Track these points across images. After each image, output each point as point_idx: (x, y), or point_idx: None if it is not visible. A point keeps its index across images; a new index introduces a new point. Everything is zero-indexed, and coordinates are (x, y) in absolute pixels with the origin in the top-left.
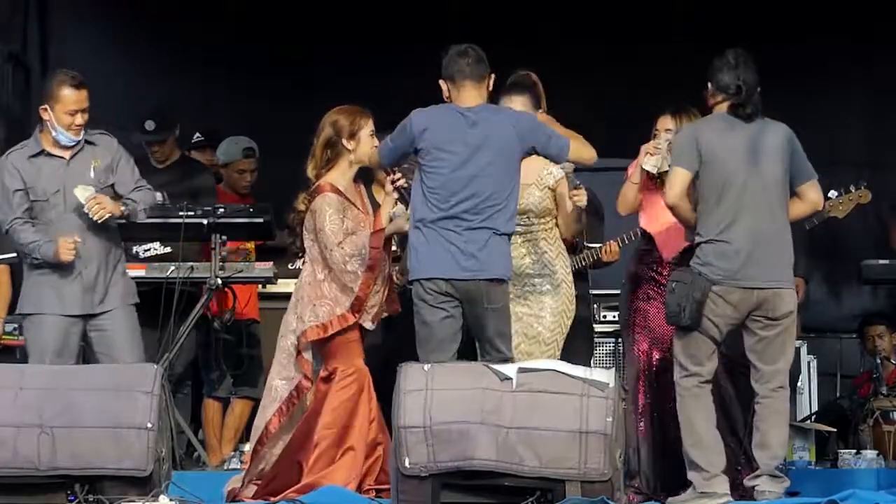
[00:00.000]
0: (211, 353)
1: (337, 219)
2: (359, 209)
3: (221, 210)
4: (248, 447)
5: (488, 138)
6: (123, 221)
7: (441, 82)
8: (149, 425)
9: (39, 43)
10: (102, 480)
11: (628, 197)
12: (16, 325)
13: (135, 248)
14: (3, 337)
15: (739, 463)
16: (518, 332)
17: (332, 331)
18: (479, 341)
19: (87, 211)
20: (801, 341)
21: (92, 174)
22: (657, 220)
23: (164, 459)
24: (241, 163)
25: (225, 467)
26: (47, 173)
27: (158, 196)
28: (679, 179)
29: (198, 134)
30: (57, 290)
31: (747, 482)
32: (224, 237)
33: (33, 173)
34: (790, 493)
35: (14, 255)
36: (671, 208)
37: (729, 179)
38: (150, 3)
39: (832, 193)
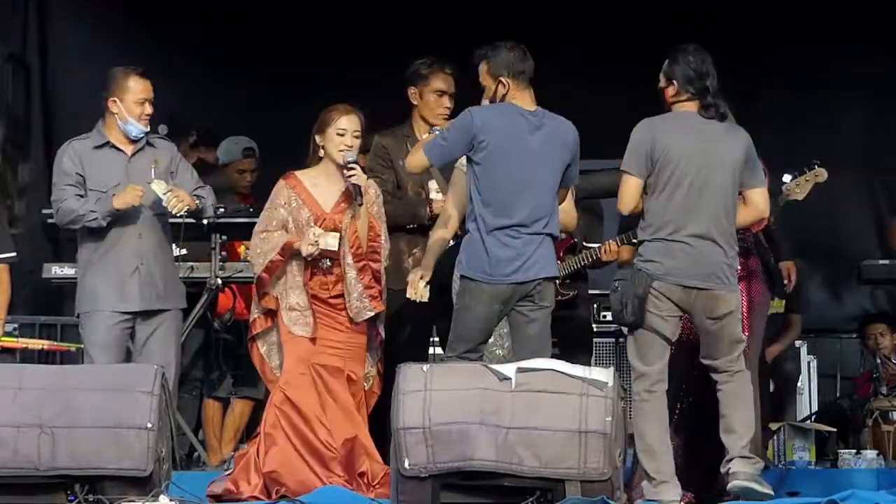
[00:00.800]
0: (211, 354)
1: (272, 207)
2: (317, 208)
3: (221, 210)
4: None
5: (548, 144)
6: (192, 219)
7: (496, 78)
8: (149, 425)
9: (39, 43)
10: (102, 480)
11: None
12: (16, 326)
13: None
14: (3, 339)
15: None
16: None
17: (255, 331)
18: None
19: (165, 203)
20: (801, 341)
21: (153, 174)
22: None
23: (164, 459)
24: (241, 163)
25: (225, 467)
26: (110, 166)
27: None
28: (631, 187)
29: (193, 133)
30: (114, 287)
31: (722, 468)
32: (224, 237)
33: (95, 164)
34: (790, 493)
35: (13, 254)
36: (625, 216)
37: (682, 181)
38: (150, 3)
39: (786, 177)
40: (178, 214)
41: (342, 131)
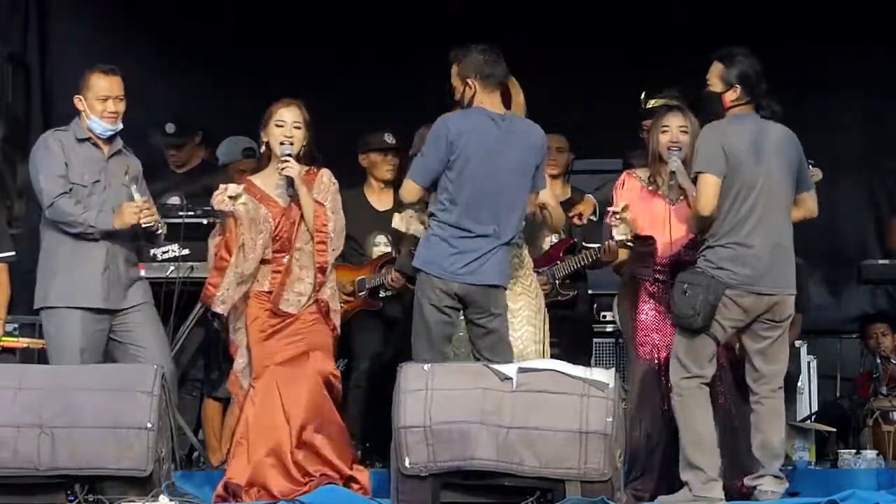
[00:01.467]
0: (211, 353)
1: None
2: (273, 203)
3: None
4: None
5: (517, 149)
6: (152, 233)
7: (465, 80)
8: (149, 425)
9: (39, 43)
10: (102, 480)
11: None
12: (16, 326)
13: (152, 250)
14: (3, 339)
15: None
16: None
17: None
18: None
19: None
20: (801, 341)
21: (126, 178)
22: (656, 224)
23: (164, 459)
24: (241, 163)
25: (225, 467)
26: (91, 162)
27: (175, 199)
28: (712, 187)
29: (199, 133)
30: (84, 283)
31: (748, 482)
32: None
33: (77, 157)
34: (790, 493)
35: (13, 253)
36: (705, 217)
37: (747, 182)
38: (151, 4)
39: None
40: (144, 225)
41: (281, 122)
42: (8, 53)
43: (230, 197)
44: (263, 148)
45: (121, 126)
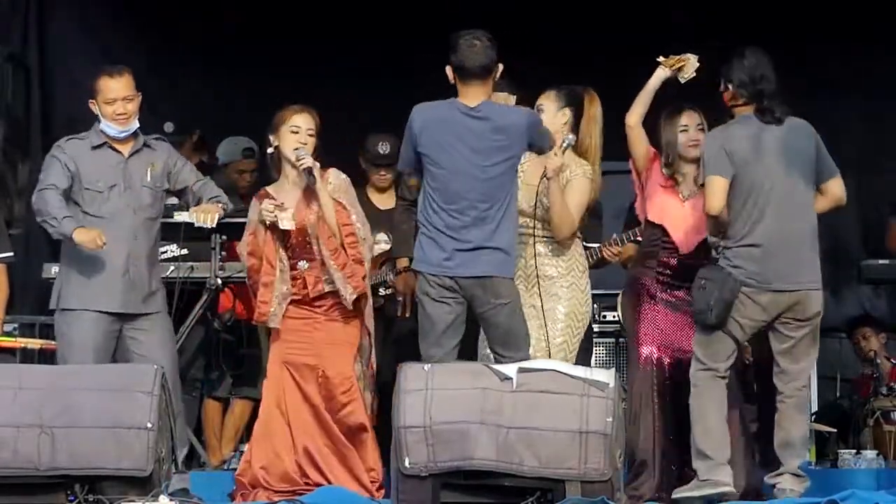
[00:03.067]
0: (211, 353)
1: (248, 225)
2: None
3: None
4: (247, 447)
5: (487, 137)
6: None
7: (448, 69)
8: (149, 425)
9: (39, 43)
10: (102, 480)
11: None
12: (15, 326)
13: None
14: (3, 339)
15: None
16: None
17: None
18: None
19: (199, 224)
20: None
21: (149, 178)
22: (668, 213)
23: (164, 459)
24: (241, 163)
25: (225, 467)
26: (107, 166)
27: (172, 199)
28: (719, 187)
29: (196, 133)
30: (102, 285)
31: (768, 479)
32: (224, 237)
33: (91, 163)
34: None
35: (11, 254)
36: (715, 218)
37: (756, 183)
38: (150, 4)
39: None
40: (213, 225)
41: (296, 129)
42: (8, 53)
43: (280, 211)
44: (273, 151)
45: (135, 125)
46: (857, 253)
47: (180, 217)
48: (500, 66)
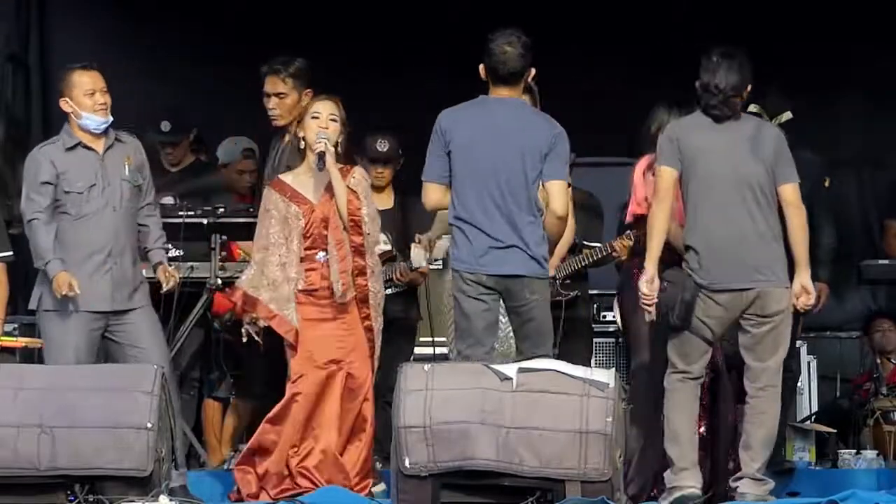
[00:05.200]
0: (211, 354)
1: (263, 214)
2: (304, 201)
3: (221, 210)
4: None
5: (517, 136)
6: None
7: (481, 67)
8: (149, 425)
9: (39, 43)
10: (102, 480)
11: None
12: (15, 326)
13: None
14: (3, 339)
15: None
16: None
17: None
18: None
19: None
20: (801, 341)
21: (127, 172)
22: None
23: (164, 459)
24: (241, 163)
25: (225, 467)
26: (83, 166)
27: (168, 199)
28: (665, 176)
29: (194, 131)
30: (85, 285)
31: (731, 482)
32: (224, 237)
33: (69, 166)
34: (790, 493)
35: (11, 253)
36: (655, 203)
37: (706, 181)
38: (151, 4)
39: None
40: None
41: (317, 114)
42: (8, 54)
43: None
44: (302, 144)
45: (111, 118)
46: (857, 253)
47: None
48: (532, 71)
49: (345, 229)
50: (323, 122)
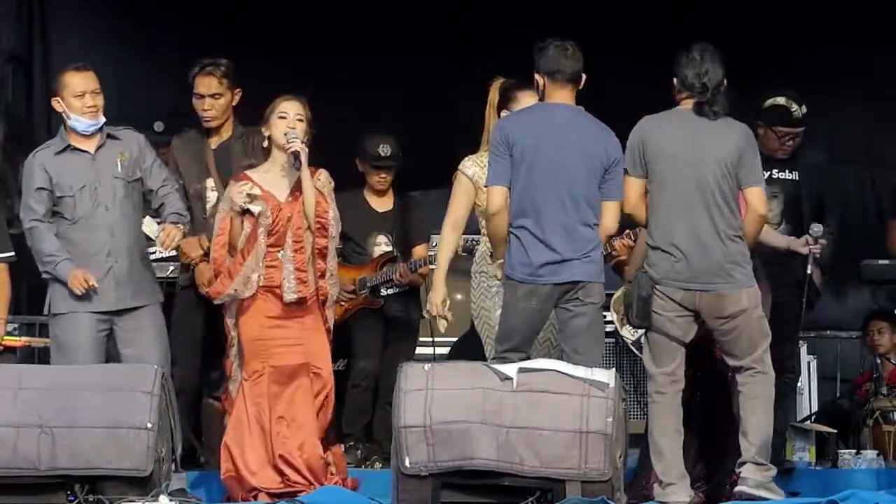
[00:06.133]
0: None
1: (224, 206)
2: (271, 199)
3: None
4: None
5: (579, 143)
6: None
7: (538, 75)
8: (149, 425)
9: (39, 43)
10: (102, 480)
11: None
12: (16, 326)
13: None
14: (4, 338)
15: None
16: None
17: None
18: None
19: (159, 245)
20: (801, 341)
21: (119, 168)
22: None
23: (164, 459)
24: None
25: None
26: (74, 169)
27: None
28: (631, 187)
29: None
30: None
31: (736, 469)
32: None
33: (60, 169)
34: (790, 493)
35: (12, 254)
36: (630, 216)
37: (668, 180)
38: (151, 4)
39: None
40: (168, 253)
41: (284, 114)
42: (8, 53)
43: (249, 195)
44: (266, 143)
45: (103, 120)
46: (858, 253)
47: (146, 228)
48: (583, 76)
49: (309, 229)
50: (290, 122)
